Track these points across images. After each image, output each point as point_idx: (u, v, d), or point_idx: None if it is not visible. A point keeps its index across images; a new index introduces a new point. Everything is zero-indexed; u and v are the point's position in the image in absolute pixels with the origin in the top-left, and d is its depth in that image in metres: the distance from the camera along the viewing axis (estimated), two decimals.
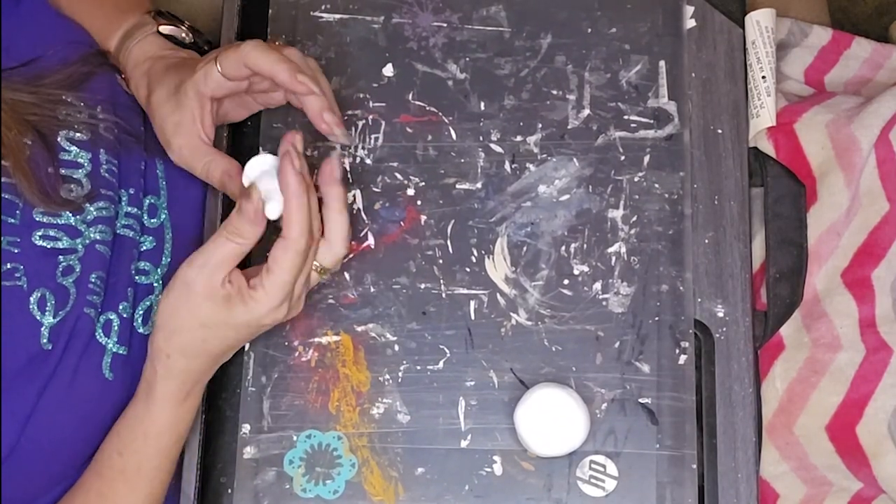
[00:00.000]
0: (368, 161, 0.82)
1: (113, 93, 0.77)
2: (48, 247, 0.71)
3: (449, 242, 0.80)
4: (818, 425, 0.81)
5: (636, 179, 0.80)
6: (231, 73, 0.73)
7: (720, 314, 0.79)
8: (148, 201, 0.79)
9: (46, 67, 0.73)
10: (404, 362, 0.78)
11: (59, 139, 0.73)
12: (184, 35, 0.81)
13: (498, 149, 0.81)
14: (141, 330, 0.76)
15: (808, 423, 0.81)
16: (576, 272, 0.79)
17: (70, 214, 0.72)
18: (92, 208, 0.73)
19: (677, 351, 0.77)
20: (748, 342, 0.78)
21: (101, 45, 0.81)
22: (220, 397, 0.79)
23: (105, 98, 0.76)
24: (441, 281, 0.79)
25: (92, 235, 0.73)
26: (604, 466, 0.75)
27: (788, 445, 0.82)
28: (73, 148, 0.73)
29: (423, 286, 0.79)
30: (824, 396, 0.81)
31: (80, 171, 0.73)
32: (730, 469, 0.76)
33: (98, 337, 0.72)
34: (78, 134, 0.74)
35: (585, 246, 0.79)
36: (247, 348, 0.79)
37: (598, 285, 0.78)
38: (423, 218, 0.80)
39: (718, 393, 0.77)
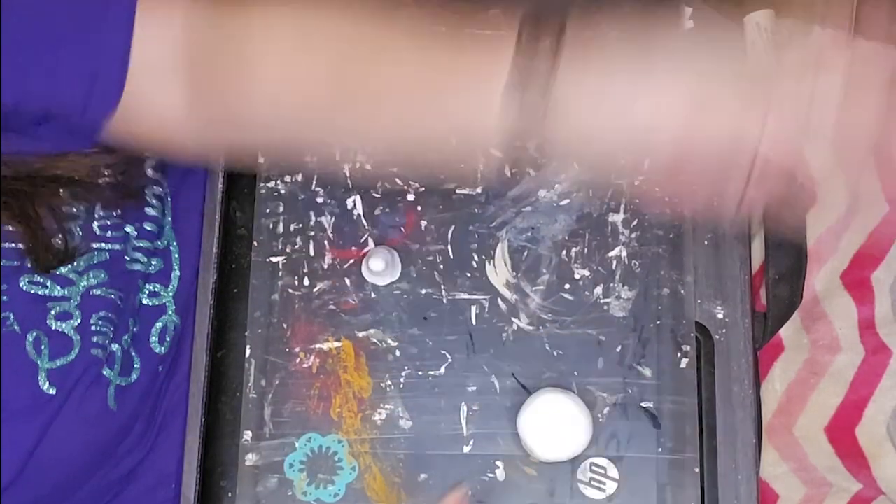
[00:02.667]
0: (368, 166, 0.81)
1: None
2: (36, 293, 0.70)
3: (449, 247, 0.80)
4: (818, 426, 0.81)
5: (636, 183, 0.80)
6: None
7: (719, 315, 0.79)
8: (153, 226, 0.78)
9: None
10: (406, 368, 0.78)
11: (61, 193, 0.70)
12: None
13: (498, 153, 0.81)
14: (157, 350, 0.75)
15: (807, 424, 0.82)
16: (577, 276, 0.79)
17: None
18: (82, 260, 0.71)
19: (679, 355, 0.77)
20: (748, 343, 0.78)
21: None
22: (219, 401, 0.79)
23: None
24: (442, 286, 0.79)
25: (86, 283, 0.71)
26: (604, 469, 0.76)
27: (788, 446, 0.82)
28: (75, 201, 0.71)
29: (423, 291, 0.79)
30: (824, 398, 0.81)
31: (77, 221, 0.71)
32: (730, 470, 0.76)
33: (104, 372, 0.72)
34: (78, 189, 0.70)
35: (586, 250, 0.79)
36: (248, 354, 0.79)
37: (599, 289, 0.79)
38: (424, 223, 0.80)
39: (718, 394, 0.78)
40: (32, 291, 0.69)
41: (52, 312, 0.70)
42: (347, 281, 0.80)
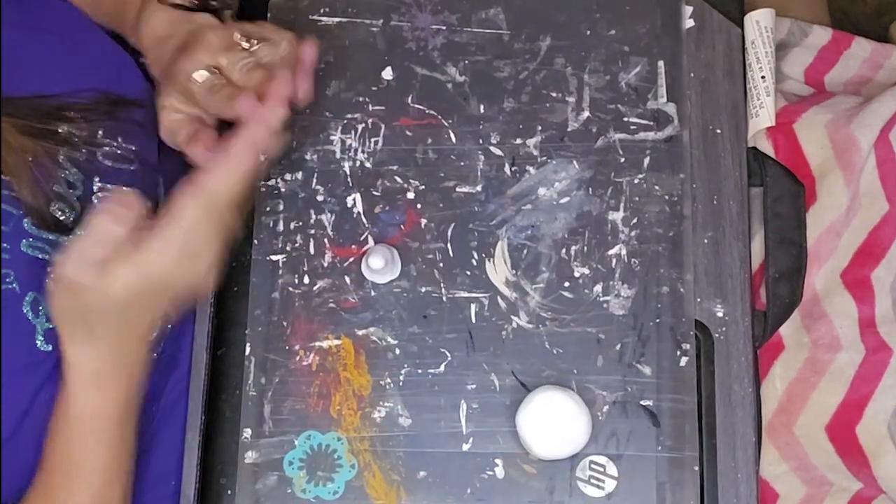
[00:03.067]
0: (368, 165, 0.81)
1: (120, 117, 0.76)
2: (37, 257, 0.70)
3: (449, 245, 0.80)
4: (818, 425, 0.81)
5: (636, 181, 0.80)
6: None
7: (719, 314, 0.79)
8: None
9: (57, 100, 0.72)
10: (405, 366, 0.78)
11: (60, 158, 0.72)
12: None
13: (498, 151, 0.81)
14: None
15: (807, 423, 0.82)
16: (576, 275, 0.79)
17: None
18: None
19: (678, 353, 0.77)
20: (748, 342, 0.78)
21: (124, 35, 0.79)
22: (219, 398, 0.79)
23: (110, 122, 0.75)
24: (442, 284, 0.79)
25: None
26: (603, 467, 0.76)
27: (788, 445, 0.82)
28: (73, 168, 0.72)
29: (423, 289, 0.79)
30: (824, 396, 0.81)
31: (74, 192, 0.72)
32: (729, 469, 0.76)
33: None
34: (77, 153, 0.72)
35: (586, 248, 0.79)
36: (247, 352, 0.79)
37: (598, 287, 0.79)
38: (424, 221, 0.80)
39: (718, 393, 0.78)
40: (33, 254, 0.70)
41: (51, 278, 0.71)
42: (347, 279, 0.80)
